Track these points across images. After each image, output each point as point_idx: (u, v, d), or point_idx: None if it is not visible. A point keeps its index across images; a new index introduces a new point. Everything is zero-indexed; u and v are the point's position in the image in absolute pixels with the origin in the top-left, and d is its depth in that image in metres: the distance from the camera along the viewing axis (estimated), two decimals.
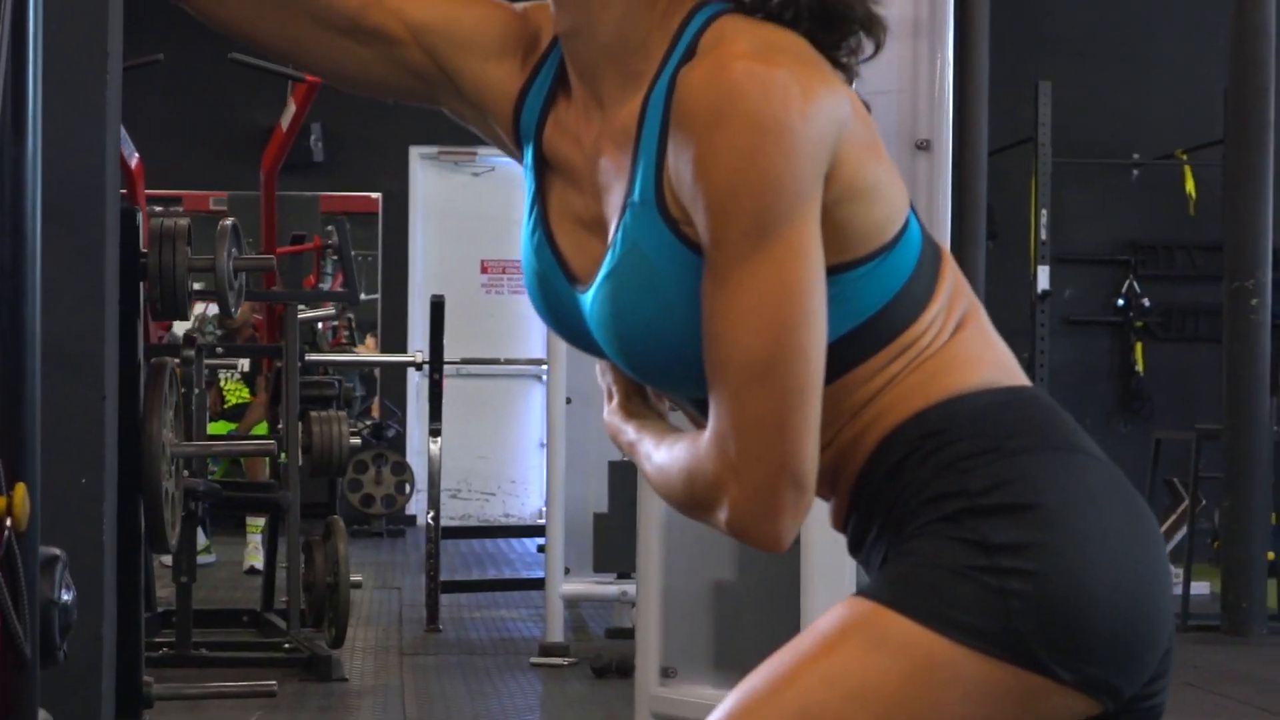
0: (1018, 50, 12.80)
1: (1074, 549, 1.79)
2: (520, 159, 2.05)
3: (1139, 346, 13.73)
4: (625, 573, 7.98)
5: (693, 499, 1.84)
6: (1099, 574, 1.79)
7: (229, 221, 4.91)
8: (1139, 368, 13.72)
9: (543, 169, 2.01)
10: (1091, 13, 13.84)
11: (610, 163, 1.92)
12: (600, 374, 2.11)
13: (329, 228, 9.47)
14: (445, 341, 9.20)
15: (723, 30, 1.84)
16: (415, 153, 14.09)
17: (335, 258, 9.44)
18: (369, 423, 13.42)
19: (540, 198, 2.01)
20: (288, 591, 7.86)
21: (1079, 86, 13.09)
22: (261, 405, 10.93)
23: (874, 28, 1.89)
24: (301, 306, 8.07)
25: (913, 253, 1.90)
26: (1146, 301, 13.69)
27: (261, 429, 10.99)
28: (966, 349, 1.92)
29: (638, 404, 2.05)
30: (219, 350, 9.40)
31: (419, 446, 13.92)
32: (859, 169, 1.83)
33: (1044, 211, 12.30)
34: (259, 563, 10.99)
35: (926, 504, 1.83)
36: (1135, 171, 13.46)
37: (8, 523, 2.24)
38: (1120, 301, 13.75)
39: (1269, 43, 8.74)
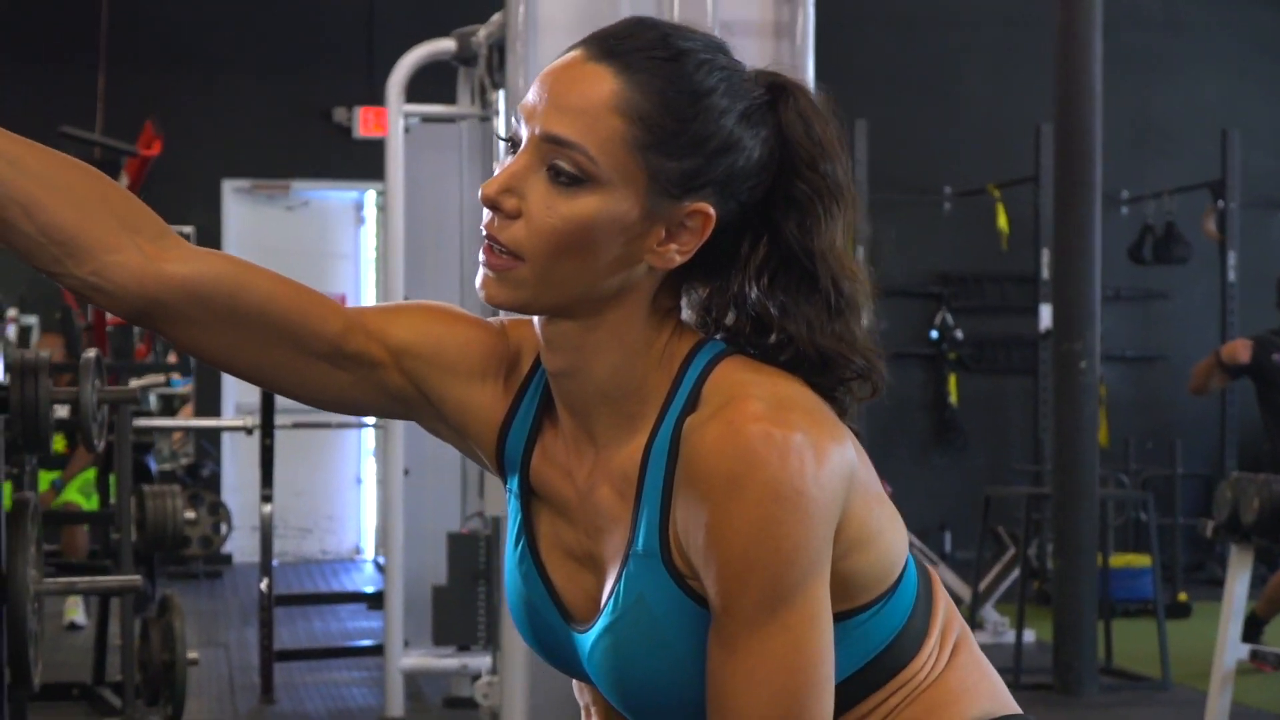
0: (831, 86, 12.86)
1: None
2: (503, 480, 2.00)
3: (952, 378, 13.89)
4: (465, 645, 7.95)
5: None
6: None
7: (92, 353, 4.81)
8: (952, 399, 13.89)
9: (529, 496, 1.96)
10: (902, 48, 13.99)
11: (606, 504, 1.88)
12: (578, 692, 2.08)
13: None
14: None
15: (727, 380, 1.81)
16: (228, 186, 13.90)
17: None
18: (184, 461, 13.24)
19: (528, 526, 1.96)
20: (122, 670, 7.71)
21: (890, 121, 13.21)
22: (85, 454, 10.71)
23: (873, 376, 1.89)
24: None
25: (912, 588, 1.92)
26: (959, 334, 13.85)
27: (89, 475, 10.77)
28: (962, 678, 1.94)
29: None
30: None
31: (234, 484, 13.76)
32: (866, 519, 1.82)
33: (860, 249, 12.41)
34: (79, 617, 10.79)
35: None
36: (946, 205, 13.60)
37: None
38: (933, 334, 13.90)
39: (1094, 104, 8.85)
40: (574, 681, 2.07)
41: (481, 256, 1.82)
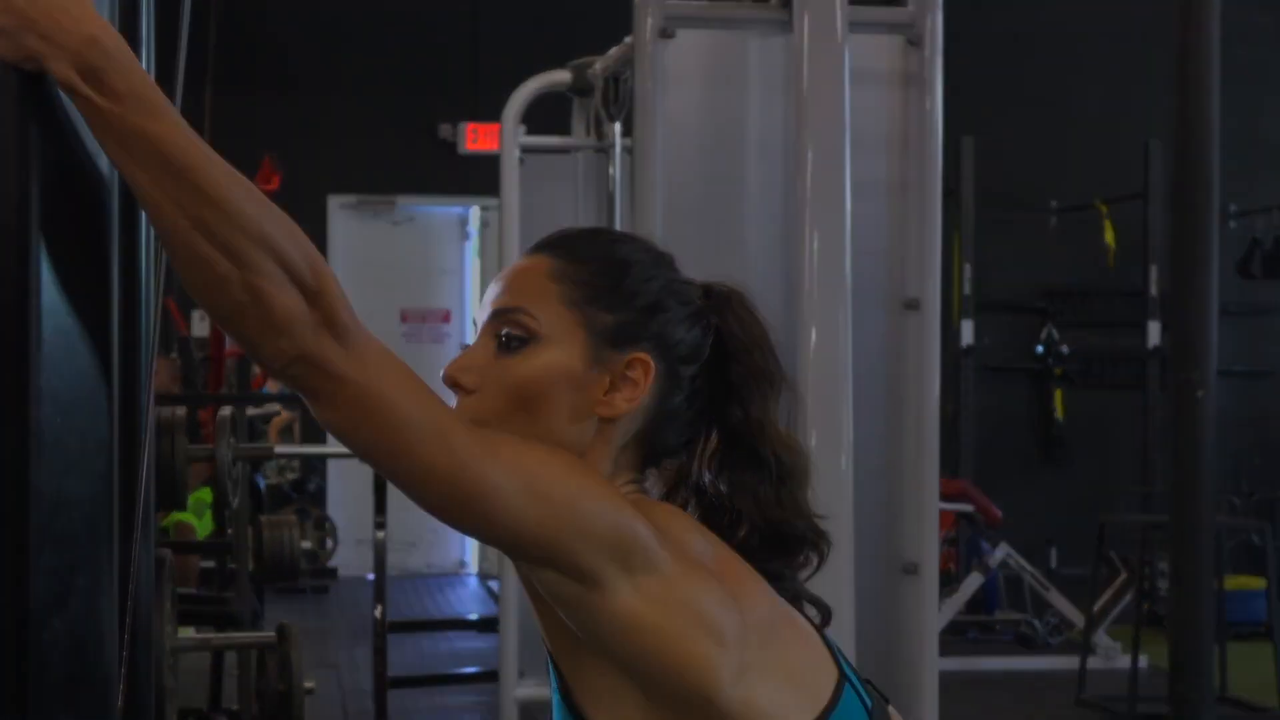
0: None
1: None
2: None
3: (1058, 394, 13.81)
4: None
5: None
6: None
7: (227, 411, 4.84)
8: (1058, 415, 13.80)
9: None
10: (1010, 64, 13.92)
11: None
12: None
13: None
14: None
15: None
16: (334, 202, 13.97)
17: None
18: (291, 477, 13.31)
19: None
20: (239, 700, 7.74)
21: (997, 136, 13.16)
22: (204, 466, 10.73)
23: (819, 542, 2.02)
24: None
25: None
26: (1065, 349, 13.76)
27: (202, 495, 10.84)
28: None
29: None
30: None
31: (340, 498, 13.83)
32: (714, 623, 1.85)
33: (967, 266, 12.37)
34: (190, 634, 10.86)
35: None
36: (1053, 220, 13.52)
37: None
38: (1039, 348, 13.82)
39: (1212, 127, 8.75)
40: None
41: None
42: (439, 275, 14.45)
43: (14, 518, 1.77)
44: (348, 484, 13.51)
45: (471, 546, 14.53)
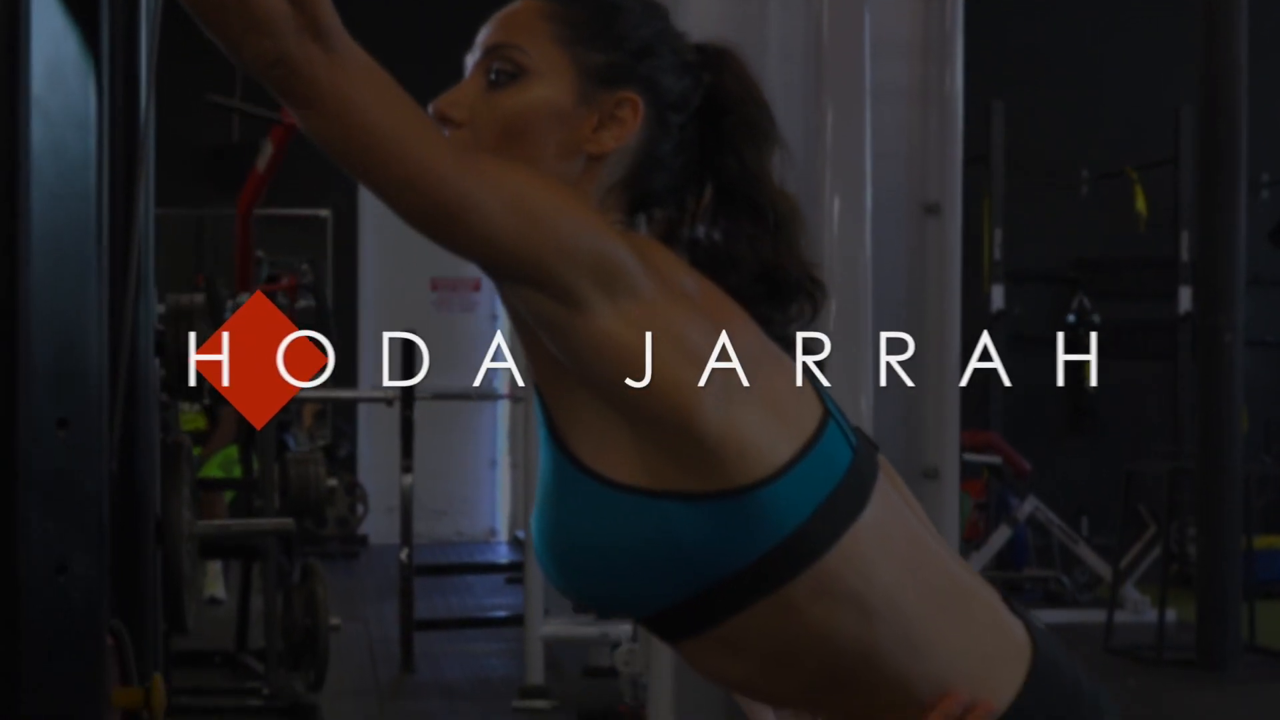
0: (967, 67, 12.77)
1: None
2: None
3: (1089, 363, 13.75)
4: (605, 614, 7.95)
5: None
6: None
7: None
8: (1089, 384, 13.75)
9: None
10: (1040, 29, 13.89)
11: None
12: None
13: (304, 266, 9.38)
14: (396, 360, 9.14)
15: None
16: None
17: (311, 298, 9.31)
18: (321, 443, 13.33)
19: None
20: (265, 635, 7.77)
21: (1027, 103, 13.13)
22: (231, 425, 10.75)
23: (814, 291, 2.02)
24: None
25: (792, 518, 1.92)
26: (1097, 318, 13.71)
27: (230, 452, 10.87)
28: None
29: None
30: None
31: (370, 465, 13.85)
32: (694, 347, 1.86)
33: (998, 231, 12.35)
34: (220, 591, 10.88)
35: None
36: (1084, 187, 13.47)
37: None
38: (1071, 318, 13.77)
39: (1239, 86, 8.74)
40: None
41: None
42: None
43: (6, 227, 1.78)
44: (378, 451, 13.52)
45: (501, 514, 14.54)
